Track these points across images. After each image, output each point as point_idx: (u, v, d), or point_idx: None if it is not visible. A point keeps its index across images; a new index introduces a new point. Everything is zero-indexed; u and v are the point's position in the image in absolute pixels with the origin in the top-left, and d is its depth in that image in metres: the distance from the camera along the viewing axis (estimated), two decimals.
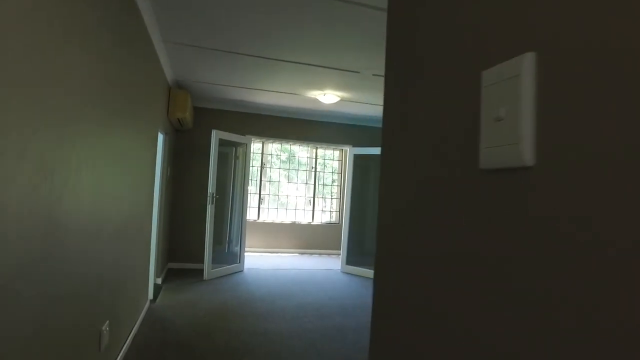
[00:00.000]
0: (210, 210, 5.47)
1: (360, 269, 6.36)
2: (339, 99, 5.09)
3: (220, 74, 4.53)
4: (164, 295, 4.66)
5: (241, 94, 5.41)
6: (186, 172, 6.10)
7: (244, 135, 6.13)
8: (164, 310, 4.14)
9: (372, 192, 6.94)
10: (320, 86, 4.71)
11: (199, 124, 6.10)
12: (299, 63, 3.88)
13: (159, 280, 5.11)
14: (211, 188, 5.47)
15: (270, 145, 8.26)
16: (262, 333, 3.62)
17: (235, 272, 6.01)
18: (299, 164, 8.58)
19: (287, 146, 8.42)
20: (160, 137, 4.97)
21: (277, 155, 8.42)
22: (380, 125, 7.61)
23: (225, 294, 4.82)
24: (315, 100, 5.46)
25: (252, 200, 8.14)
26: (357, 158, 6.62)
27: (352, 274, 6.36)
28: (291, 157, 8.54)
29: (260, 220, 8.14)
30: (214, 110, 6.23)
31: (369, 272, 6.24)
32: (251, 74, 4.43)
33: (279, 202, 8.43)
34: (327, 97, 4.98)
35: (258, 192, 8.18)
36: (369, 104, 5.49)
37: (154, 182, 4.29)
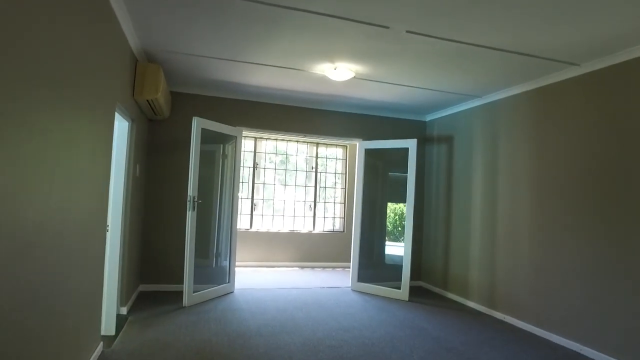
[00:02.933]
0: (190, 218, 4.35)
1: (375, 286, 5.26)
2: (353, 74, 4.03)
3: (201, 38, 3.45)
4: (127, 332, 3.52)
5: (229, 71, 4.32)
6: (164, 172, 4.98)
7: (234, 126, 5.04)
8: (123, 357, 3.00)
9: (387, 193, 5.87)
10: (331, 55, 3.65)
11: (179, 113, 4.99)
12: (308, 12, 2.81)
13: (125, 310, 3.97)
14: (192, 190, 4.35)
15: (263, 142, 7.17)
16: None
17: (224, 295, 4.87)
18: (297, 164, 7.49)
19: (282, 145, 7.33)
20: (123, 125, 3.86)
21: (272, 154, 7.32)
22: (398, 114, 6.53)
23: (211, 327, 3.70)
24: (322, 79, 4.40)
25: (243, 207, 7.02)
26: (369, 154, 5.56)
27: (365, 293, 5.27)
28: (288, 157, 7.44)
29: (254, 229, 7.02)
30: (196, 96, 5.13)
31: (386, 291, 5.15)
32: (243, 37, 3.35)
33: (275, 208, 7.32)
34: (339, 71, 3.92)
35: (250, 196, 7.07)
36: (389, 83, 4.44)
37: (108, 181, 3.16)
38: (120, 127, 3.88)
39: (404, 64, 3.83)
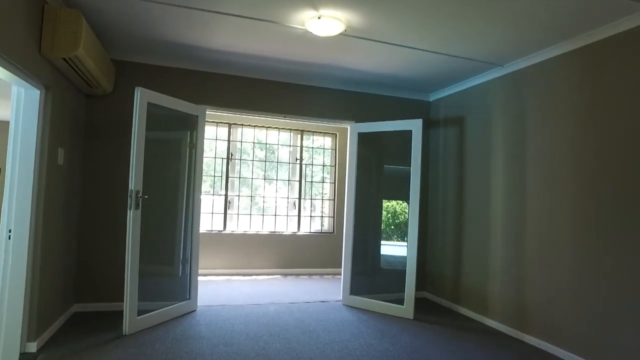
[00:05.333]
0: (133, 219, 3.32)
1: (371, 301, 4.29)
2: (342, 27, 3.05)
3: None
4: None
5: (182, 26, 3.32)
6: (106, 162, 3.94)
7: (197, 104, 4.02)
8: None
9: (382, 189, 4.90)
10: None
11: (126, 87, 3.95)
12: None
13: (34, 346, 2.93)
14: (133, 183, 3.32)
15: (239, 130, 6.15)
16: None
17: (183, 315, 3.86)
18: (279, 155, 6.48)
19: (262, 133, 6.32)
20: (31, 94, 2.83)
21: (250, 142, 6.30)
22: (396, 92, 4.89)
23: None
24: (303, 38, 3.41)
25: (216, 205, 6.00)
26: (363, 140, 4.58)
27: (359, 309, 4.30)
28: (268, 146, 6.43)
29: (228, 230, 6.00)
30: (148, 67, 4.09)
31: (385, 307, 4.18)
32: None
33: (253, 205, 6.31)
34: (324, 23, 2.94)
35: (224, 193, 6.05)
36: (387, 43, 3.46)
37: None
38: (26, 97, 2.85)
39: (407, 12, 2.85)
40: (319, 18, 2.93)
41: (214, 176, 6.09)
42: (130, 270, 3.30)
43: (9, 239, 2.84)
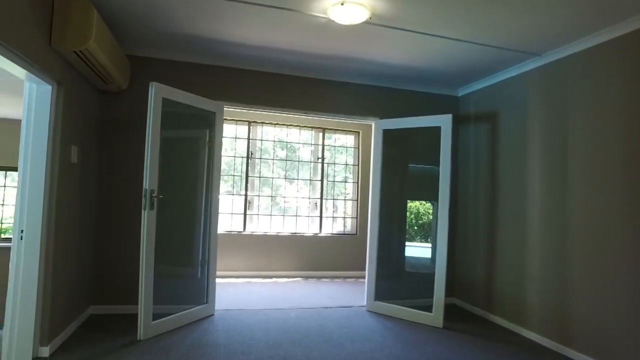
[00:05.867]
0: (147, 220, 3.19)
1: (397, 307, 4.05)
2: (366, 14, 2.82)
3: None
4: None
5: (198, 16, 3.16)
6: (122, 160, 3.83)
7: (214, 100, 3.87)
8: None
9: (407, 189, 4.65)
10: None
11: (142, 84, 3.83)
12: None
13: (46, 351, 2.82)
14: (148, 182, 3.19)
15: (259, 128, 6.00)
16: None
17: (200, 320, 3.71)
18: (300, 154, 6.30)
19: (283, 131, 6.15)
20: (43, 89, 2.73)
21: (270, 141, 6.14)
22: (423, 86, 4.56)
23: None
24: (325, 28, 3.20)
25: (235, 205, 5.87)
26: (388, 137, 4.34)
27: (384, 316, 4.06)
28: (289, 145, 6.26)
29: (248, 231, 5.85)
30: (164, 62, 3.96)
31: (412, 314, 3.93)
32: None
33: (274, 206, 6.15)
34: (348, 10, 2.73)
35: (244, 192, 5.90)
36: (415, 32, 3.22)
37: None
38: (37, 93, 2.74)
39: (440, 7, 2.60)
40: (342, 4, 2.72)
41: (234, 176, 5.95)
42: (144, 273, 3.17)
43: (21, 239, 2.74)
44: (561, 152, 3.37)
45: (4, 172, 6.53)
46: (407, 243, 4.57)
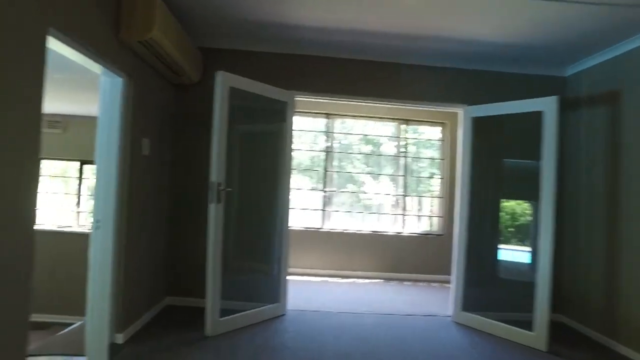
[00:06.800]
0: (215, 214, 3.10)
1: (489, 321, 3.50)
2: None
3: None
4: None
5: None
6: (196, 154, 3.83)
7: (288, 90, 3.67)
8: None
9: (501, 187, 4.03)
10: None
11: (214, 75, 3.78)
12: None
13: (121, 338, 2.86)
14: (215, 175, 3.09)
15: (338, 121, 5.74)
16: None
17: (270, 320, 3.56)
18: (381, 147, 5.92)
19: (362, 124, 5.82)
20: (115, 82, 2.75)
21: (349, 134, 5.86)
22: (521, 67, 3.83)
23: None
24: (404, 1, 2.81)
25: (313, 201, 5.69)
26: (479, 127, 3.79)
27: (473, 329, 3.55)
28: (369, 138, 5.92)
29: (326, 228, 5.64)
30: (235, 52, 3.88)
31: (508, 330, 3.36)
32: None
33: (354, 202, 5.85)
34: None
35: (322, 187, 5.70)
36: None
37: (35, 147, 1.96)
38: (109, 86, 2.77)
39: None
40: None
41: (312, 170, 5.78)
42: (212, 268, 3.09)
43: (97, 229, 2.81)
44: None
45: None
46: (503, 246, 3.97)
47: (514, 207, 4.04)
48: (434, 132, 5.89)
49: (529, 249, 3.71)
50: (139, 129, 2.99)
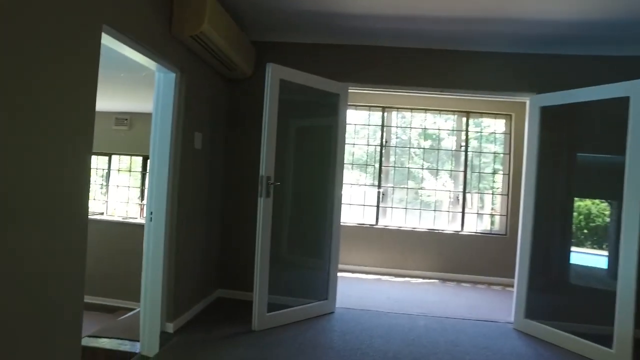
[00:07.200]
0: (263, 208, 3.08)
1: (556, 331, 3.17)
2: None
3: None
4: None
5: None
6: (249, 148, 3.85)
7: (340, 81, 3.57)
8: None
9: (574, 184, 3.64)
10: None
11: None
12: None
13: (171, 327, 2.94)
14: (264, 169, 3.07)
15: (394, 114, 5.54)
16: None
17: (318, 317, 3.49)
18: (440, 141, 5.63)
19: (420, 117, 5.57)
20: (168, 77, 2.80)
21: (407, 127, 5.63)
22: (596, 48, 3.32)
23: None
24: None
25: (367, 196, 5.55)
26: (548, 116, 3.44)
27: (537, 340, 3.24)
28: (427, 132, 5.65)
29: (380, 225, 5.48)
30: (288, 45, 3.83)
31: (580, 345, 3.02)
32: None
33: (411, 198, 5.63)
34: None
35: (377, 183, 5.54)
36: None
37: (88, 141, 2.01)
38: (163, 81, 2.83)
39: None
40: None
41: (367, 165, 5.63)
42: (260, 263, 3.07)
43: (151, 220, 2.90)
44: None
45: None
46: (576, 249, 3.59)
47: (590, 206, 3.64)
48: (498, 125, 5.49)
49: (605, 253, 3.32)
50: (191, 123, 3.04)
